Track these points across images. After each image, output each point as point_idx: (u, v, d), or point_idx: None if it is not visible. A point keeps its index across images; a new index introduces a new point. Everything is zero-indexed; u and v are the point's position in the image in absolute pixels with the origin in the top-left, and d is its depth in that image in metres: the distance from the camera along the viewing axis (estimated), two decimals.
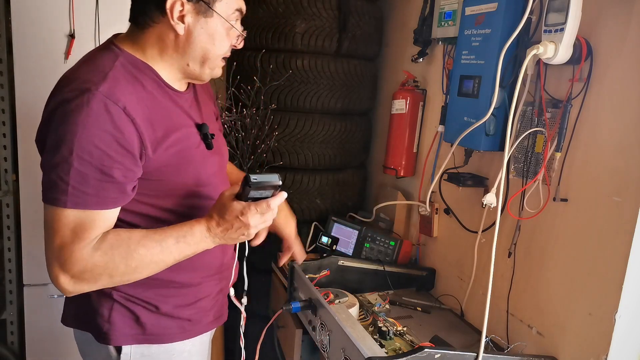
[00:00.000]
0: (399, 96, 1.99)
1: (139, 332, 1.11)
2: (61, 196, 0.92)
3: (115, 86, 0.96)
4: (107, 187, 0.95)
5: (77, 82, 0.95)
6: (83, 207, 0.94)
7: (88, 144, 0.91)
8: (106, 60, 1.01)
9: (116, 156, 0.94)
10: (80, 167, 0.92)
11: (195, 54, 1.06)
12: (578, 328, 1.27)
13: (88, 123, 0.91)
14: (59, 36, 1.77)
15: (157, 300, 1.11)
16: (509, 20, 1.38)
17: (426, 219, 1.87)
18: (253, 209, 0.99)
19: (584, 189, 1.27)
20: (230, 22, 1.06)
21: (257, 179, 0.97)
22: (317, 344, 1.46)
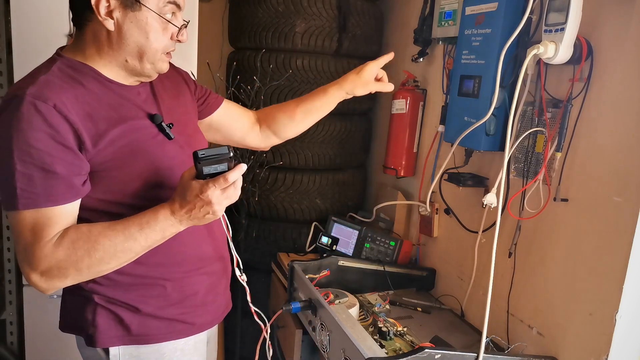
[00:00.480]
0: (399, 96, 1.99)
1: (124, 333, 1.11)
2: (12, 200, 0.95)
3: (44, 87, 0.97)
4: (53, 184, 0.96)
5: (9, 92, 0.98)
6: (34, 207, 0.96)
7: (25, 146, 0.93)
8: (43, 68, 1.03)
9: (55, 152, 0.95)
10: (23, 169, 0.94)
11: (129, 49, 1.04)
12: (578, 328, 1.26)
13: (20, 125, 0.93)
14: (59, 36, 1.77)
15: (137, 302, 1.11)
16: (509, 20, 1.38)
17: (426, 219, 1.87)
18: (211, 185, 0.96)
19: (584, 189, 1.27)
20: (164, 15, 1.04)
21: (205, 154, 0.95)
22: (317, 344, 1.46)
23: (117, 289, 1.10)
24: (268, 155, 2.12)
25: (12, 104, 0.94)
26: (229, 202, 1.02)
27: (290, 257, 2.05)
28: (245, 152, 2.11)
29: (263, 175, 2.13)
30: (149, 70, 1.09)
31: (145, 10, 1.02)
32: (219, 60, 2.43)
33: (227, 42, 2.37)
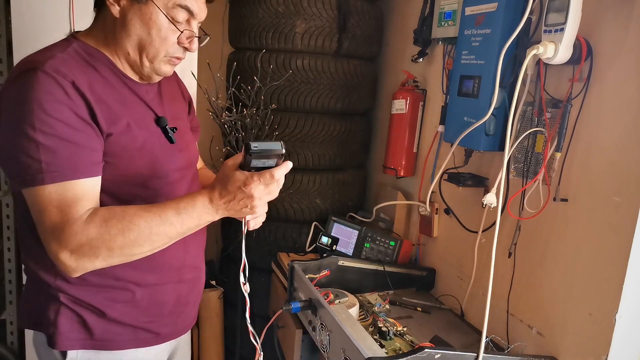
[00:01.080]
0: (399, 96, 1.99)
1: (86, 337, 1.07)
2: (37, 175, 0.90)
3: (62, 64, 0.95)
4: (77, 154, 0.93)
5: (26, 63, 0.95)
6: (60, 180, 0.92)
7: (47, 117, 0.90)
8: (58, 47, 1.01)
9: (76, 125, 0.93)
10: (46, 142, 0.90)
11: (131, 40, 1.03)
12: (578, 328, 1.27)
13: (42, 98, 0.90)
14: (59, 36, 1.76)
15: (104, 305, 1.07)
16: (509, 20, 1.38)
17: (426, 219, 1.87)
18: (256, 179, 0.93)
19: (584, 189, 1.27)
20: (169, 15, 1.01)
21: (258, 147, 0.91)
22: (317, 344, 1.46)
23: (85, 289, 1.05)
24: None
25: (29, 75, 0.91)
26: (270, 199, 0.98)
27: (290, 257, 2.05)
28: None
29: None
30: (149, 69, 1.07)
31: (151, 5, 1.00)
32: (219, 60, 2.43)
33: (227, 43, 2.37)
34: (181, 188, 1.15)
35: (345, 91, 2.13)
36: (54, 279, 1.04)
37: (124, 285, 1.08)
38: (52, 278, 1.04)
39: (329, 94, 2.09)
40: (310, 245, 2.16)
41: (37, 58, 0.95)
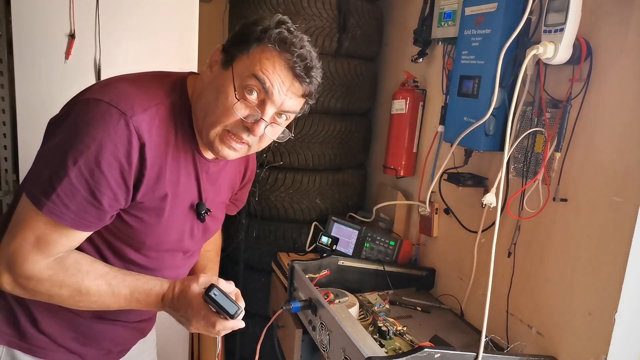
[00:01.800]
0: (399, 96, 1.99)
1: (14, 335, 1.04)
2: (42, 198, 0.87)
3: (148, 122, 0.91)
4: (90, 210, 0.90)
5: (120, 97, 0.89)
6: (57, 220, 0.88)
7: (94, 163, 0.86)
8: (157, 92, 0.95)
9: (114, 185, 0.90)
10: (75, 181, 0.87)
11: (201, 104, 0.97)
12: (578, 328, 1.27)
13: (105, 145, 0.86)
14: (59, 36, 1.77)
15: (40, 314, 1.03)
16: (509, 21, 1.38)
17: (426, 219, 1.87)
18: (201, 319, 0.97)
19: (584, 189, 1.27)
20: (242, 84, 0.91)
21: (215, 298, 0.94)
22: (317, 344, 1.46)
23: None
24: (268, 155, 2.12)
25: (115, 118, 0.87)
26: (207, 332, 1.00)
27: (290, 257, 2.05)
28: None
29: (263, 175, 2.14)
30: (206, 142, 0.98)
31: (229, 72, 0.93)
32: None
33: None
34: (177, 258, 1.13)
35: (345, 91, 2.13)
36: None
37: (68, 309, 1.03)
38: None
39: (329, 94, 2.09)
40: (310, 245, 2.16)
41: (130, 101, 0.89)
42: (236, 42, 0.94)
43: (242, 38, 0.93)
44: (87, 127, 0.87)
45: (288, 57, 0.91)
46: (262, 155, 2.12)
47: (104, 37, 1.81)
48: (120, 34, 1.83)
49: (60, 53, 1.79)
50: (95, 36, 1.81)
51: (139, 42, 1.86)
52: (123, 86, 0.93)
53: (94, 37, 1.81)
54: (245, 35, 0.92)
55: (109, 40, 1.82)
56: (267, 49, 0.91)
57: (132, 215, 0.98)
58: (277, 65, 0.91)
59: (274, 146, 2.10)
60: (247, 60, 0.92)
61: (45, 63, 1.78)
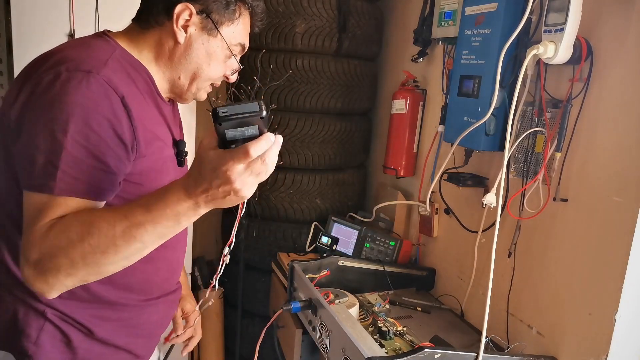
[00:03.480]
0: (399, 96, 1.99)
1: (69, 357, 0.99)
2: (49, 182, 0.81)
3: (113, 74, 0.89)
4: (100, 176, 0.86)
5: (75, 62, 0.87)
6: (72, 194, 0.82)
7: (85, 127, 0.83)
8: (103, 49, 0.95)
9: (112, 144, 0.86)
10: (73, 151, 0.82)
11: (188, 67, 1.04)
12: (578, 328, 1.27)
13: (87, 105, 0.83)
14: (59, 36, 1.77)
15: (92, 324, 1.00)
16: (509, 20, 1.38)
17: (426, 219, 1.87)
18: (229, 159, 0.73)
19: (584, 189, 1.27)
20: (232, 51, 1.06)
21: (228, 112, 0.71)
22: (317, 344, 1.46)
23: (75, 304, 0.98)
24: None
25: (78, 77, 0.84)
26: (258, 181, 0.77)
27: (290, 257, 2.05)
28: None
29: None
30: (191, 94, 1.08)
31: (219, 38, 1.03)
32: None
33: None
34: None
35: (345, 91, 2.13)
36: None
37: (113, 303, 1.03)
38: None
39: (329, 94, 2.09)
40: (310, 245, 2.16)
41: (87, 60, 0.88)
42: (215, 8, 1.01)
43: (221, 3, 1.01)
44: (60, 97, 0.83)
45: (255, 19, 1.10)
46: None
47: None
48: None
49: None
50: None
51: None
52: (68, 54, 0.90)
53: None
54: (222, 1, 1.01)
55: None
56: (245, 14, 1.06)
57: (138, 174, 0.95)
58: (249, 25, 1.09)
59: None
60: (234, 28, 1.04)
61: None
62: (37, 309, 0.96)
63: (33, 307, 0.96)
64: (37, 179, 0.82)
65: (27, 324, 0.96)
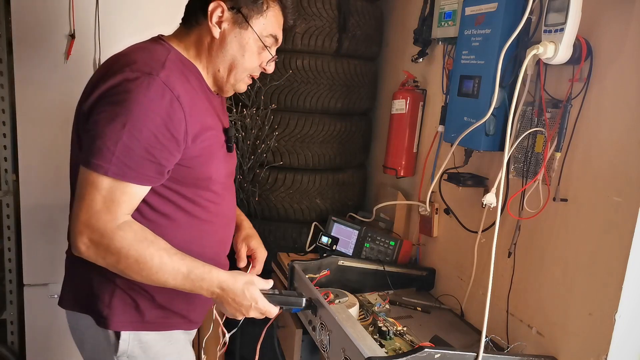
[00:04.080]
0: (399, 96, 1.99)
1: (137, 319, 1.15)
2: (104, 164, 0.98)
3: (171, 74, 1.04)
4: (147, 165, 1.02)
5: (138, 64, 1.03)
6: (121, 178, 1.00)
7: (140, 123, 0.99)
8: (160, 52, 1.10)
9: (163, 139, 1.02)
10: (128, 142, 0.98)
11: (225, 59, 1.16)
12: (578, 328, 1.27)
13: (145, 104, 0.99)
14: (59, 36, 1.78)
15: (154, 290, 1.14)
16: (509, 20, 1.38)
17: (426, 219, 1.87)
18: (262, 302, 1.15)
19: (584, 189, 1.27)
20: (264, 42, 1.17)
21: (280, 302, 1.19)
22: (317, 344, 1.46)
23: None
24: (268, 155, 2.12)
25: (144, 80, 1.00)
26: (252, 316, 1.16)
27: (290, 257, 2.05)
28: (245, 152, 2.11)
29: (263, 175, 2.14)
30: (230, 86, 1.21)
31: (250, 31, 1.14)
32: None
33: None
34: (227, 197, 1.26)
35: (345, 91, 2.13)
36: None
37: None
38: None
39: (329, 94, 2.09)
40: (310, 245, 2.16)
41: (148, 63, 1.04)
42: (244, 2, 1.12)
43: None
44: (125, 96, 0.99)
45: (286, 11, 1.20)
46: (263, 156, 2.12)
47: (104, 37, 1.81)
48: (120, 34, 1.83)
49: (60, 53, 1.79)
50: (95, 36, 1.81)
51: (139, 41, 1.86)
52: (132, 57, 1.06)
53: (93, 37, 1.81)
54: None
55: (109, 40, 1.82)
56: (274, 6, 1.16)
57: (189, 159, 1.09)
58: (281, 18, 1.19)
59: (273, 146, 2.10)
60: (263, 20, 1.15)
61: (45, 63, 1.78)
62: (108, 277, 1.11)
63: (105, 275, 1.10)
64: (94, 159, 0.99)
65: (101, 290, 1.13)
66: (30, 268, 1.92)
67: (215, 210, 1.20)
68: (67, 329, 1.21)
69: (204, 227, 1.19)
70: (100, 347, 1.16)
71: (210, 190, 1.18)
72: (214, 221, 1.21)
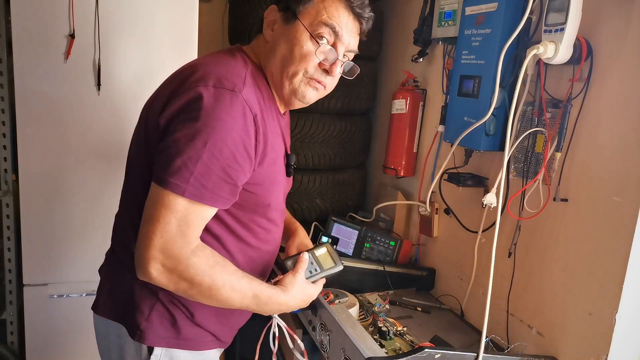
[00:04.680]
0: (399, 96, 1.99)
1: (173, 335, 1.11)
2: (182, 183, 0.93)
3: (250, 92, 1.00)
4: (224, 186, 0.97)
5: (219, 79, 0.97)
6: (197, 200, 0.95)
7: (221, 142, 0.94)
8: (239, 66, 1.04)
9: (240, 159, 0.97)
10: (208, 162, 0.94)
11: (275, 60, 1.07)
12: (578, 328, 1.27)
13: (228, 122, 0.94)
14: (59, 36, 1.77)
15: (195, 308, 1.11)
16: (509, 20, 1.38)
17: (426, 219, 1.87)
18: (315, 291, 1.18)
19: (584, 189, 1.27)
20: (313, 32, 1.03)
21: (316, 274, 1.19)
22: (317, 344, 1.46)
23: None
24: None
25: (227, 97, 0.95)
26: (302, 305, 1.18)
27: None
28: None
29: None
30: (288, 92, 1.09)
31: (297, 23, 1.05)
32: None
33: (227, 42, 2.37)
34: (279, 224, 1.23)
35: (345, 91, 2.12)
36: None
37: None
38: None
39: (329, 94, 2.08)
40: None
41: (229, 78, 0.98)
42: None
43: None
44: (206, 112, 0.94)
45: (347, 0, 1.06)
46: None
47: (104, 37, 1.81)
48: (120, 34, 1.83)
49: (60, 53, 1.79)
50: (95, 36, 1.81)
51: (139, 41, 1.86)
52: (212, 69, 1.00)
53: (93, 37, 1.81)
54: None
55: (109, 40, 1.82)
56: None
57: (254, 184, 1.05)
58: (340, 8, 1.05)
59: None
60: (312, 10, 1.04)
61: (45, 63, 1.78)
62: (151, 289, 1.08)
63: (148, 287, 1.07)
64: (172, 178, 0.94)
65: (142, 301, 1.09)
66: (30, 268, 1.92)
67: (264, 237, 1.17)
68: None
69: (250, 254, 1.15)
70: (128, 359, 1.13)
71: (266, 218, 1.14)
72: (261, 248, 1.17)
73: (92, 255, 1.92)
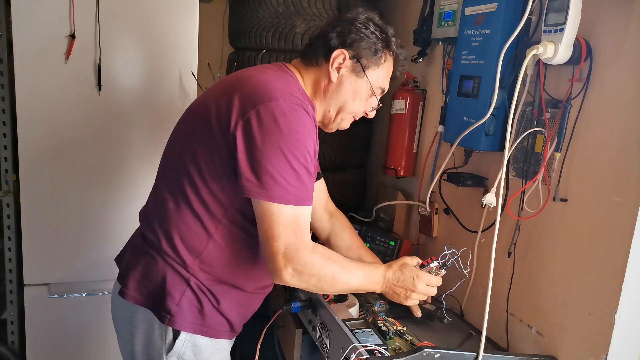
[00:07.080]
0: (399, 96, 1.99)
1: (199, 322, 1.18)
2: (285, 194, 1.06)
3: (310, 107, 1.14)
4: (310, 185, 1.11)
5: (288, 95, 1.11)
6: (301, 204, 1.08)
7: (305, 152, 1.09)
8: (295, 84, 1.20)
9: (312, 161, 1.12)
10: (299, 171, 1.08)
11: (337, 102, 1.26)
12: (578, 328, 1.27)
13: (305, 133, 1.09)
14: (59, 36, 1.77)
15: (221, 296, 1.20)
16: (509, 21, 1.38)
17: (426, 219, 1.87)
18: (426, 277, 1.30)
19: (584, 189, 1.27)
20: (375, 92, 1.27)
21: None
22: (317, 343, 1.46)
23: (212, 278, 1.18)
24: None
25: (300, 111, 1.10)
26: (423, 298, 1.32)
27: None
28: None
29: None
30: (335, 125, 1.33)
31: (365, 80, 1.25)
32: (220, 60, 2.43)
33: (227, 43, 2.37)
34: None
35: None
36: (193, 262, 1.16)
37: (236, 285, 1.23)
38: (192, 260, 1.16)
39: None
40: None
41: (293, 94, 1.13)
42: (365, 54, 1.23)
43: (370, 50, 1.23)
44: (287, 126, 1.07)
45: (397, 65, 1.32)
46: None
47: (104, 37, 1.81)
48: (120, 34, 1.83)
49: (60, 53, 1.79)
50: (95, 36, 1.81)
51: (139, 42, 1.86)
52: (275, 86, 1.13)
53: (94, 38, 1.81)
54: (372, 47, 1.23)
55: (109, 41, 1.82)
56: (390, 60, 1.29)
57: None
58: (392, 71, 1.32)
59: None
60: (379, 72, 1.27)
61: (45, 63, 1.78)
62: (183, 276, 1.16)
63: (180, 273, 1.16)
64: (275, 192, 1.06)
65: (173, 287, 1.16)
66: (30, 268, 1.92)
67: None
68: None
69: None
70: (153, 343, 1.19)
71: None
72: None
73: (93, 255, 1.92)
